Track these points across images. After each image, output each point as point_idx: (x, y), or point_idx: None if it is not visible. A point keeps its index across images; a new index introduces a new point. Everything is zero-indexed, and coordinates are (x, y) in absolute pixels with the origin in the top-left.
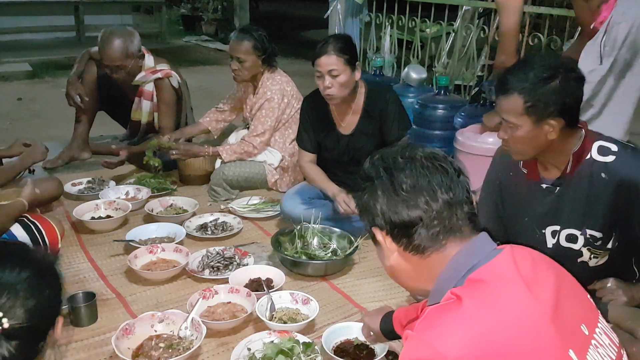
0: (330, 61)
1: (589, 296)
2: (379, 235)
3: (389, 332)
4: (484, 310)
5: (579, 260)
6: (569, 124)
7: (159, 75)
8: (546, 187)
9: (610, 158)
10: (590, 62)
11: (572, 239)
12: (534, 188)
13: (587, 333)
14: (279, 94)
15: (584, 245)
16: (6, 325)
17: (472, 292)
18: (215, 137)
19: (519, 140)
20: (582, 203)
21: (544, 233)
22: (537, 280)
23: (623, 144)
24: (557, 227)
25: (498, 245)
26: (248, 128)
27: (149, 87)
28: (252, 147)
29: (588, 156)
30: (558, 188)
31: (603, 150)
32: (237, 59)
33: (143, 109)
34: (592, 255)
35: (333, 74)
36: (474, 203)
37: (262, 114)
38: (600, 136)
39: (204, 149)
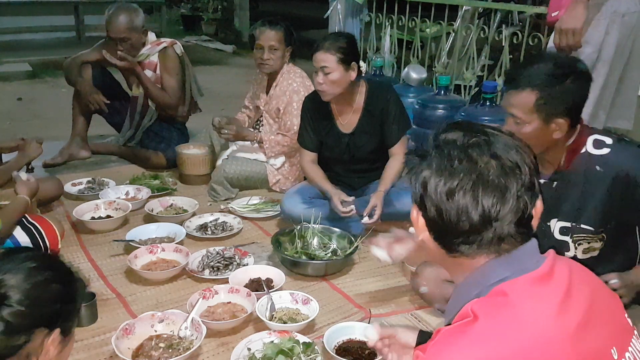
0: (322, 57)
1: (626, 314)
2: (414, 211)
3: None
4: (499, 334)
5: (566, 254)
6: (572, 123)
7: (164, 45)
8: (544, 182)
9: (605, 151)
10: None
11: (565, 231)
12: None
13: (616, 357)
14: (302, 87)
15: (574, 240)
16: None
17: (491, 309)
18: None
19: (525, 137)
20: (578, 197)
21: (549, 225)
22: (569, 298)
23: (618, 137)
24: (556, 220)
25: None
26: (257, 124)
27: (154, 59)
28: (295, 142)
29: (583, 150)
30: (555, 182)
31: (598, 144)
32: (269, 47)
33: None
34: (582, 249)
35: (325, 70)
36: (533, 223)
37: (293, 108)
38: (595, 130)
39: (253, 134)
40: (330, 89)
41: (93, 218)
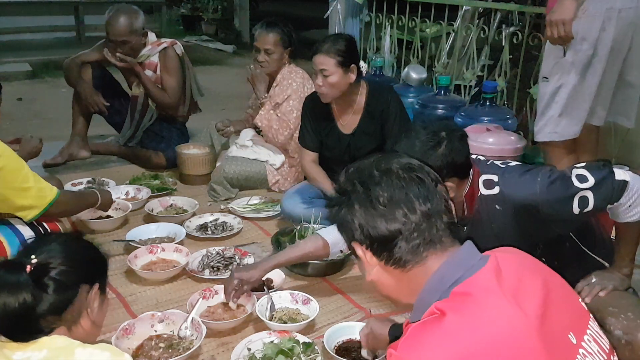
0: (320, 60)
1: (580, 299)
2: (359, 250)
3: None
4: (468, 327)
5: None
6: (462, 177)
7: (165, 45)
8: None
9: (496, 190)
10: (555, 53)
11: None
12: None
13: (574, 342)
14: (302, 86)
15: None
16: (34, 261)
17: (457, 305)
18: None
19: None
20: (492, 236)
21: None
22: (523, 290)
23: (502, 169)
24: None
25: (482, 252)
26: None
27: (154, 59)
28: (287, 134)
29: (479, 194)
30: (465, 227)
31: (488, 184)
32: (265, 51)
33: None
34: None
35: (324, 73)
36: (453, 212)
37: (289, 105)
38: (483, 168)
39: (262, 93)
40: (329, 91)
41: (93, 218)
